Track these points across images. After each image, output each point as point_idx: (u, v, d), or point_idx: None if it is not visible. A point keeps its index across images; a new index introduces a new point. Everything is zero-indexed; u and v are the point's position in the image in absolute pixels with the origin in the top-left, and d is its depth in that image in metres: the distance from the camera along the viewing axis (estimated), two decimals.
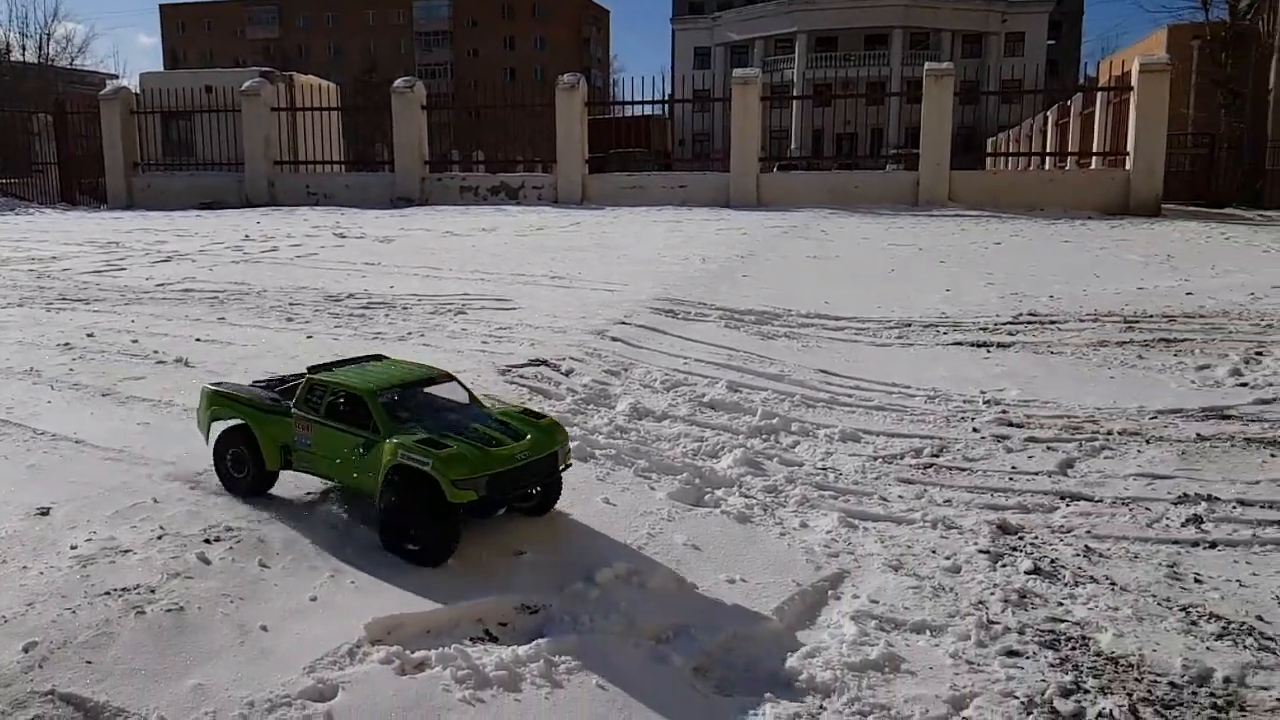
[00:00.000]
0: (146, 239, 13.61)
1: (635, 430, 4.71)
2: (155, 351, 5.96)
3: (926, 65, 21.23)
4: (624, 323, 6.95)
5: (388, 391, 3.29)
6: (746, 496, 4.04)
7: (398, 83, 22.89)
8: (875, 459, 4.66)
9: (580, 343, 6.22)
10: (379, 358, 3.77)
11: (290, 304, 7.68)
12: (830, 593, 3.27)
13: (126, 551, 3.07)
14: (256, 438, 3.42)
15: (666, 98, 34.92)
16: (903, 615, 3.10)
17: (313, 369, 3.51)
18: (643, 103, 25.62)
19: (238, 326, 6.84)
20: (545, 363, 5.59)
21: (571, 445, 4.32)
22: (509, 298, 7.88)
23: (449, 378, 3.58)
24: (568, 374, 5.46)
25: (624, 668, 2.63)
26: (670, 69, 65.17)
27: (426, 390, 3.47)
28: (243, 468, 3.48)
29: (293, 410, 3.37)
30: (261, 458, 3.42)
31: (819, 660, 2.77)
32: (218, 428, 3.60)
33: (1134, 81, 19.69)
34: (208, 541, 3.15)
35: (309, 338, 6.26)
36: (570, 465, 3.51)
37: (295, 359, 5.62)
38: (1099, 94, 23.52)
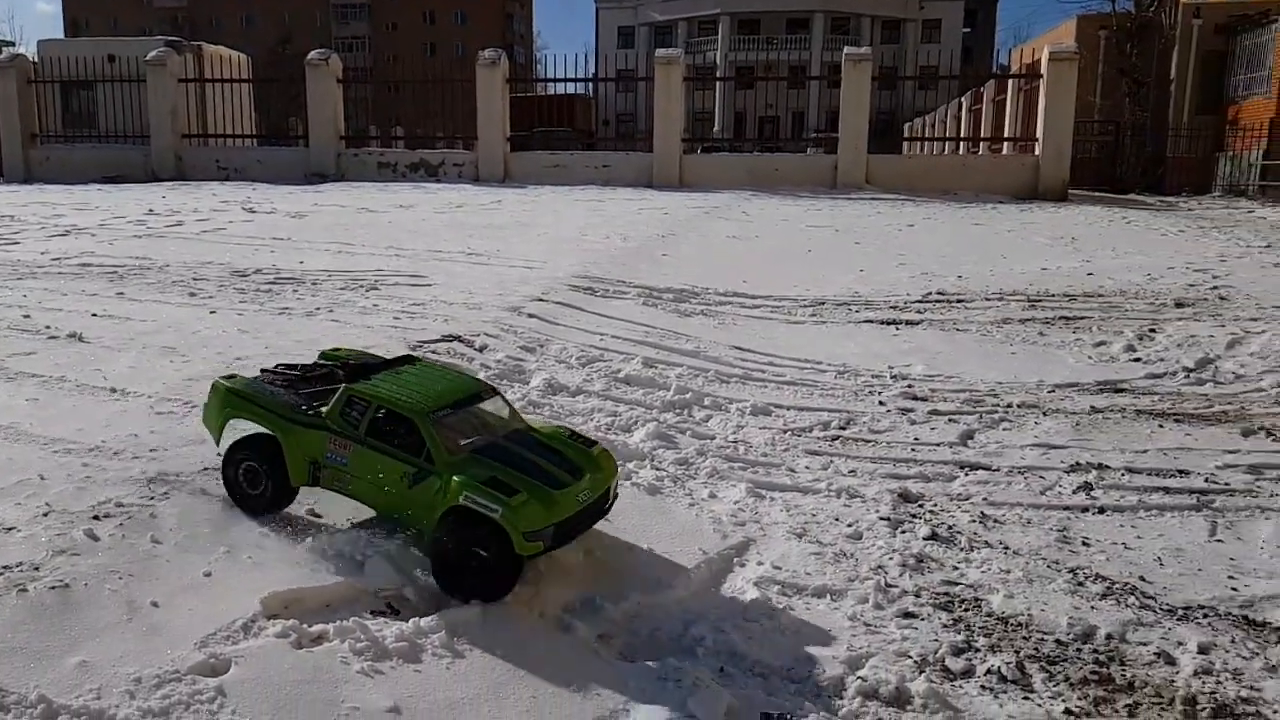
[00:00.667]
0: (44, 213, 12.99)
1: (549, 405, 4.70)
2: (47, 327, 5.71)
3: (845, 50, 21.50)
4: (541, 300, 6.91)
5: (439, 411, 2.94)
6: (658, 469, 4.07)
7: (312, 55, 22.23)
8: (785, 432, 4.74)
9: (496, 319, 6.17)
10: (411, 359, 3.36)
11: (194, 279, 7.43)
12: (736, 560, 3.32)
13: (10, 529, 2.95)
14: (282, 449, 3.04)
15: (590, 76, 34.70)
16: (804, 580, 3.17)
17: (349, 377, 3.10)
18: (566, 80, 25.37)
19: (137, 302, 6.59)
20: (459, 338, 5.53)
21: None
22: (424, 274, 7.75)
23: (494, 391, 3.25)
24: (481, 350, 5.42)
25: (528, 637, 2.63)
26: (594, 48, 64.83)
27: (476, 408, 3.12)
28: (259, 483, 3.10)
29: (327, 423, 3.00)
30: (283, 471, 3.04)
31: (723, 625, 2.82)
32: (229, 432, 3.23)
33: (1043, 69, 20.24)
34: (96, 518, 3.04)
35: (212, 313, 6.07)
36: (618, 497, 3.21)
37: (197, 334, 5.46)
38: (1010, 81, 24.15)
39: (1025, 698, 2.54)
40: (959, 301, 8.05)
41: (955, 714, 2.46)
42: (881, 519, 3.68)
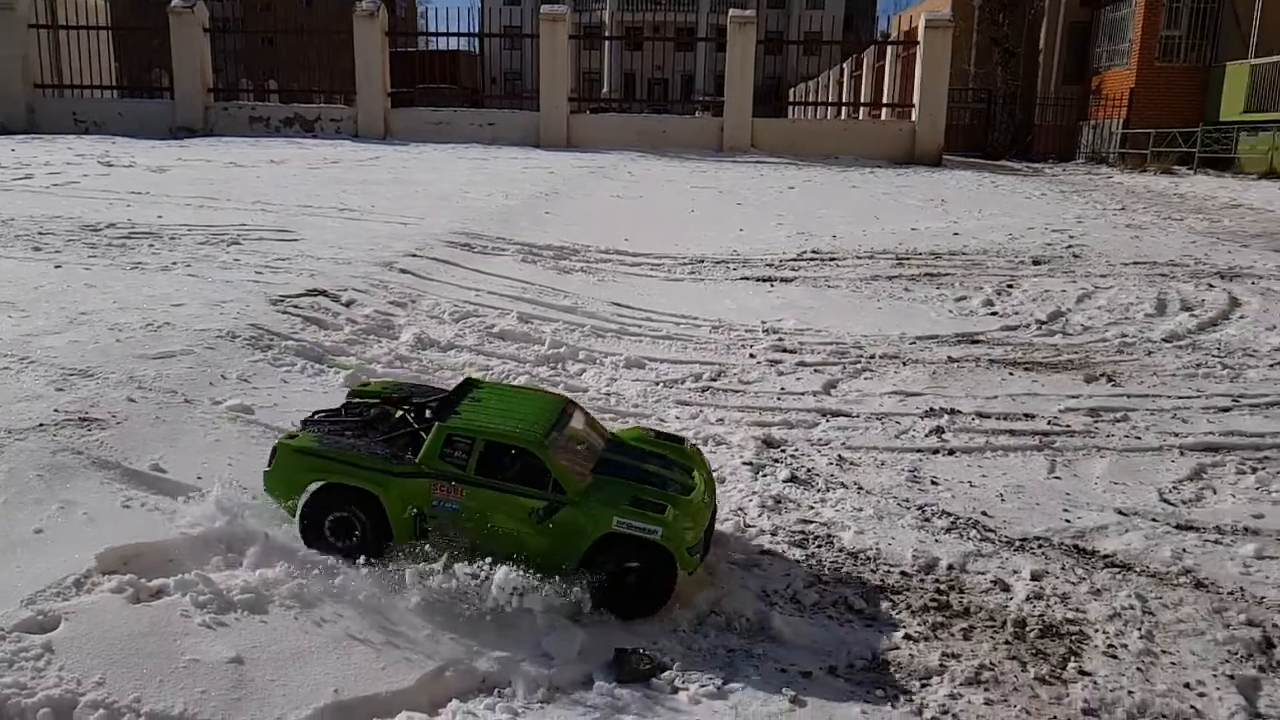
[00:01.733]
0: None
1: (417, 359, 4.62)
2: None
3: (731, 13, 21.59)
4: (415, 255, 6.76)
5: (550, 437, 2.71)
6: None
7: (175, 2, 21.01)
8: (658, 384, 4.78)
9: (366, 274, 6.00)
10: (475, 384, 3.01)
11: (40, 233, 6.97)
12: None
13: None
14: (382, 504, 2.68)
15: (475, 32, 33.87)
16: None
17: (437, 413, 2.75)
18: (450, 35, 24.78)
19: None
20: (324, 293, 5.36)
21: (349, 373, 4.22)
22: (292, 229, 7.47)
23: (574, 403, 3.03)
24: (348, 305, 5.27)
25: (382, 589, 2.59)
26: (479, 3, 63.16)
27: (569, 425, 2.88)
28: (350, 534, 2.71)
29: (423, 468, 2.68)
30: (381, 521, 2.68)
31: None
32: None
33: (920, 37, 20.82)
34: None
35: (57, 268, 5.71)
36: None
37: (39, 289, 5.13)
38: (889, 48, 24.74)
39: (867, 625, 2.65)
40: (832, 260, 8.26)
41: (810, 641, 2.55)
42: (744, 464, 3.77)
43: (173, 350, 4.09)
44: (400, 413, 2.92)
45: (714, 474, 3.26)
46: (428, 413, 2.83)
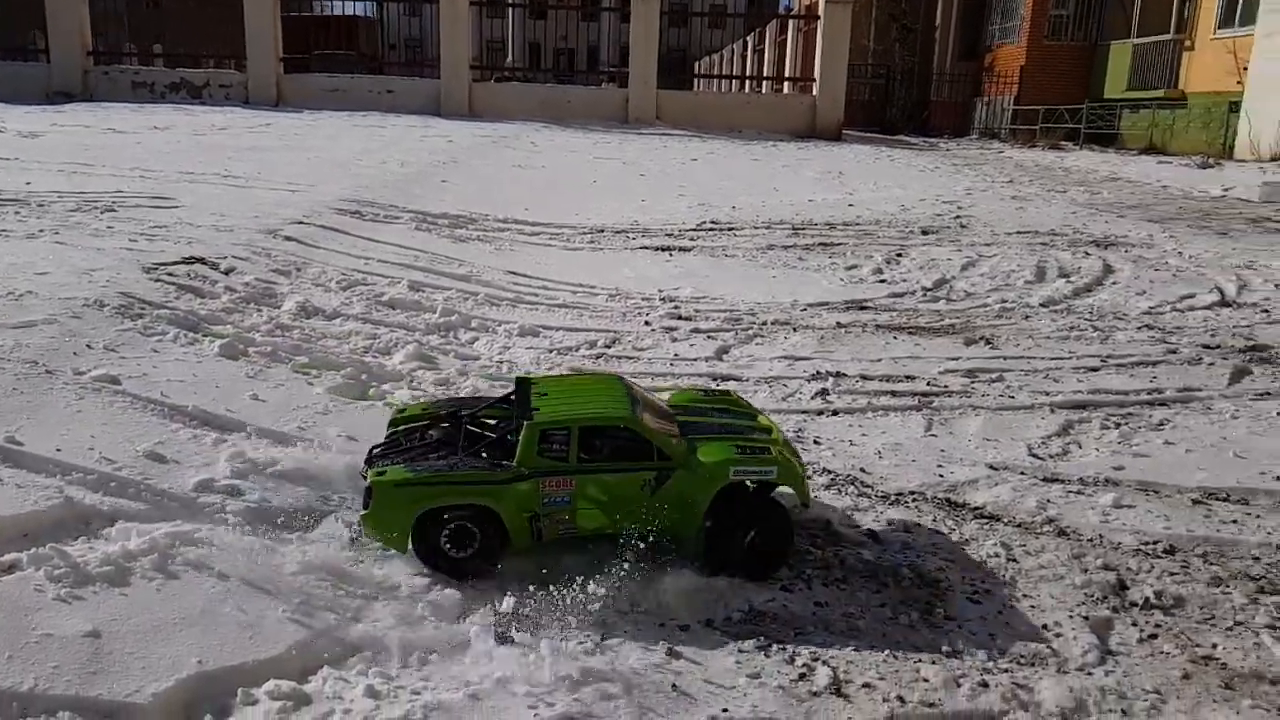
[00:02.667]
0: None
1: (300, 328, 4.48)
2: None
3: None
4: (302, 223, 6.56)
5: (635, 410, 2.71)
6: (415, 389, 3.99)
7: None
8: (551, 351, 4.76)
9: (248, 242, 5.80)
10: (529, 381, 2.93)
11: None
12: None
13: None
14: (498, 515, 2.60)
15: None
16: None
17: (522, 413, 2.68)
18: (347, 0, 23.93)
19: None
20: (201, 261, 5.15)
21: (225, 342, 4.08)
22: (172, 196, 7.16)
23: (624, 378, 2.99)
24: (227, 273, 5.08)
25: (250, 557, 2.52)
26: None
27: (641, 398, 2.87)
28: (468, 544, 2.60)
29: (523, 469, 2.61)
30: (497, 531, 2.61)
31: None
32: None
33: (821, 12, 21.07)
34: None
35: None
36: None
37: None
38: (791, 22, 24.96)
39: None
40: (730, 230, 8.34)
41: (690, 596, 2.58)
42: None
43: (34, 319, 3.88)
44: (463, 426, 2.85)
45: None
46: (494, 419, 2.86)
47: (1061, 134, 21.46)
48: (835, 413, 4.07)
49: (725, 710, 2.13)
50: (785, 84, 24.01)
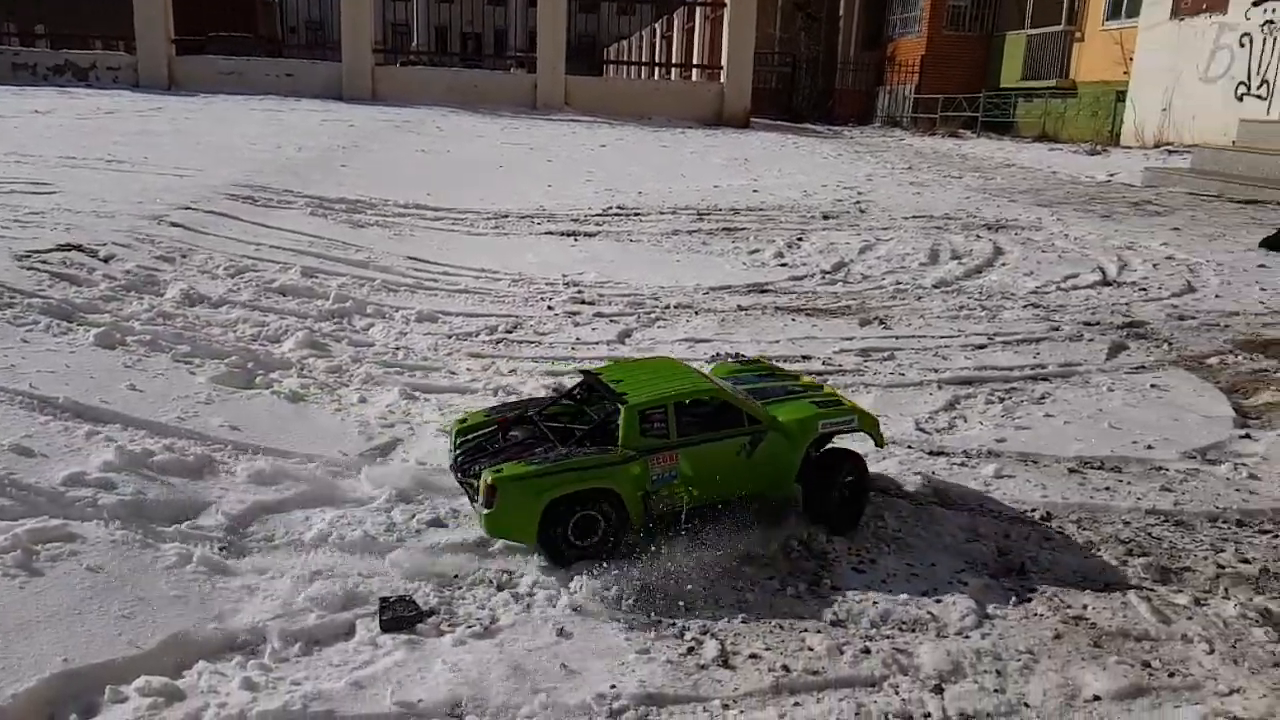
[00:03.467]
0: None
1: (183, 316, 4.32)
2: None
3: None
4: (190, 208, 6.32)
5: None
6: (305, 377, 3.89)
7: None
8: (450, 337, 4.69)
9: (131, 228, 5.56)
10: (595, 372, 2.97)
11: None
12: (379, 460, 3.25)
13: None
14: (620, 496, 2.63)
15: None
16: (447, 473, 3.16)
17: (615, 399, 2.73)
18: None
19: None
20: (78, 248, 4.92)
21: (100, 331, 3.91)
22: (50, 182, 6.81)
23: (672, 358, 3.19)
24: (107, 260, 4.86)
25: (123, 552, 2.42)
26: None
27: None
28: (593, 532, 2.63)
29: (628, 450, 2.66)
30: (619, 513, 2.65)
31: (358, 521, 2.75)
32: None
33: (726, 0, 21.22)
34: None
35: None
36: None
37: None
38: (698, 9, 25.08)
39: (639, 559, 2.71)
40: (636, 215, 8.35)
41: (586, 576, 2.58)
42: None
43: None
44: (545, 423, 2.90)
45: None
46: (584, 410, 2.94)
47: (960, 122, 22.11)
48: None
49: (613, 686, 2.14)
50: (693, 71, 24.12)
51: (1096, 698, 2.18)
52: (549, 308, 5.33)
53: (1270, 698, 2.19)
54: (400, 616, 2.33)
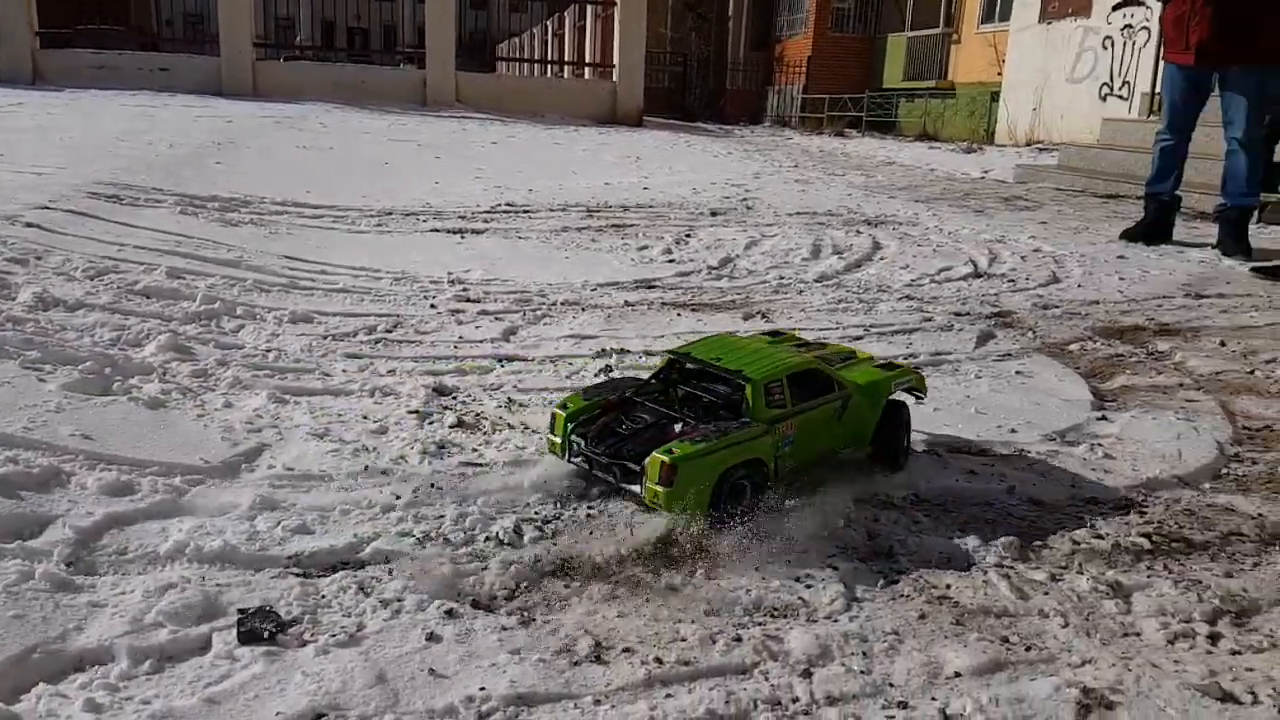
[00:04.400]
0: None
1: (34, 321, 4.07)
2: None
3: None
4: (47, 208, 5.97)
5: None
6: (167, 382, 3.71)
7: None
8: (326, 338, 4.56)
9: None
10: (683, 351, 3.20)
11: None
12: (244, 465, 3.12)
13: None
14: (765, 464, 2.91)
15: None
16: (317, 478, 3.06)
17: (742, 378, 2.97)
18: None
19: None
20: None
21: None
22: None
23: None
24: None
25: None
26: None
27: None
28: (740, 498, 2.87)
29: (758, 421, 2.92)
30: (761, 479, 2.92)
31: (213, 527, 2.64)
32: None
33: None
34: None
35: None
36: None
37: None
38: (589, 8, 25.08)
39: (519, 549, 2.68)
40: (525, 212, 8.28)
41: (453, 568, 2.53)
42: (411, 412, 3.67)
43: None
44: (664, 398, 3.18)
45: (380, 424, 3.43)
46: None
47: (846, 121, 22.69)
48: None
49: (482, 689, 2.10)
50: (586, 69, 24.10)
51: (957, 674, 2.25)
52: (432, 306, 5.23)
53: (1119, 667, 2.30)
54: (259, 628, 2.24)
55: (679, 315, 5.28)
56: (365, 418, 3.62)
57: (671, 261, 6.67)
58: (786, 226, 7.97)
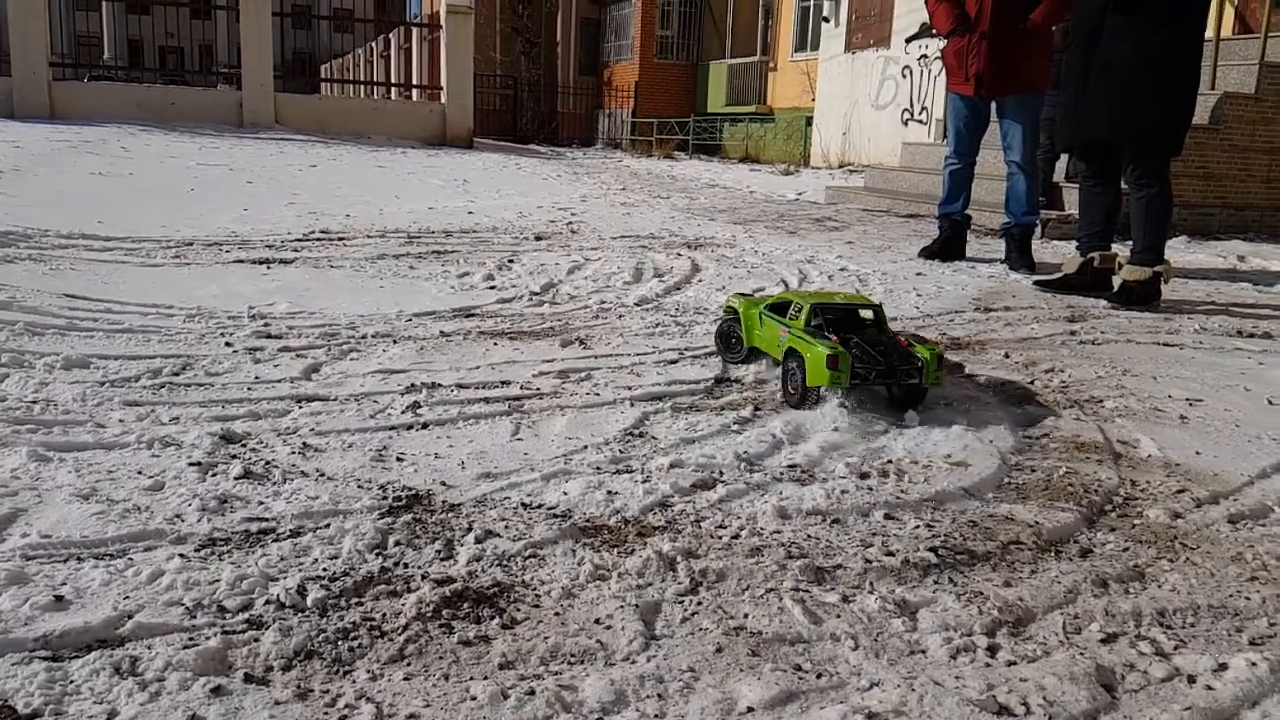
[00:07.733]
0: None
1: None
2: None
3: None
4: None
5: None
6: None
7: None
8: (103, 384, 4.19)
9: None
10: (787, 300, 4.59)
11: None
12: None
13: None
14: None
15: None
16: (79, 545, 2.78)
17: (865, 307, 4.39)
18: None
19: None
20: None
21: None
22: None
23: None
24: None
25: None
26: None
27: None
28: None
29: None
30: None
31: None
32: None
33: (443, 21, 20.99)
34: None
35: None
36: None
37: None
38: (415, 30, 24.66)
39: (303, 621, 2.50)
40: (340, 239, 7.98)
41: (224, 639, 2.33)
42: (192, 464, 3.41)
43: None
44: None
45: (156, 480, 3.18)
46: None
47: (674, 144, 23.18)
48: (425, 425, 3.96)
49: None
50: (414, 91, 23.64)
51: (750, 709, 2.24)
52: (227, 344, 4.92)
53: (904, 687, 2.35)
54: None
55: (495, 344, 5.18)
56: (140, 473, 3.33)
57: (493, 288, 6.56)
58: (610, 250, 8.00)
